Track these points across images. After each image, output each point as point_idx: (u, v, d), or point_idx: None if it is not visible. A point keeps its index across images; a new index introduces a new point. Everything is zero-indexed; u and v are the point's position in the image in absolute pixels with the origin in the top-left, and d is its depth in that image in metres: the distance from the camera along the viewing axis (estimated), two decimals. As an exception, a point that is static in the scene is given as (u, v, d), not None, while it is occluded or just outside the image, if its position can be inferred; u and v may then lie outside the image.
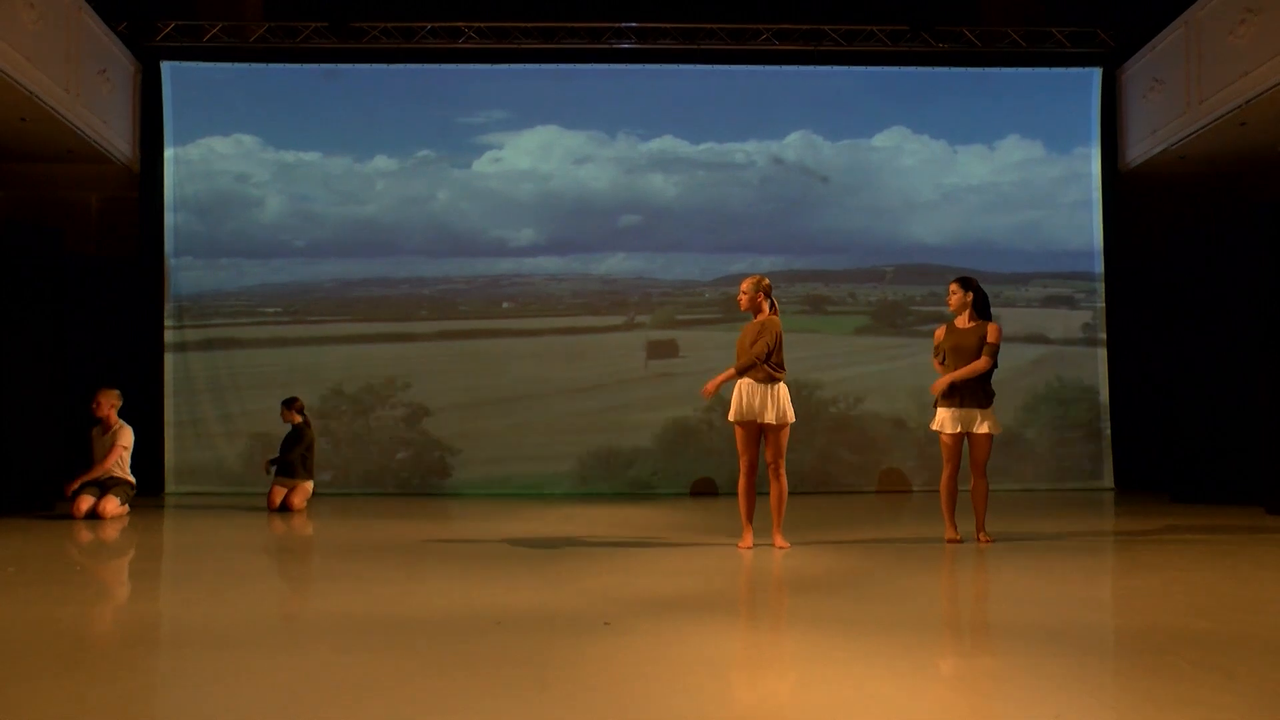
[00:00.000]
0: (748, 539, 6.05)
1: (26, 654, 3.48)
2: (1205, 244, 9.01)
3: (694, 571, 5.29)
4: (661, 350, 10.21)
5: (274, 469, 8.57)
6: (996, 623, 3.99)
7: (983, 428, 6.21)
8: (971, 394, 6.23)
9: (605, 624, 3.86)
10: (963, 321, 6.35)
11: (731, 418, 6.01)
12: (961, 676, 3.23)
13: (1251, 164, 9.54)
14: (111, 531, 7.06)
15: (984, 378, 6.27)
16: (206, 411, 9.96)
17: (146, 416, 9.32)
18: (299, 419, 8.63)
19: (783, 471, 6.04)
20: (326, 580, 5.32)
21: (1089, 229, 10.36)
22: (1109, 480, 10.06)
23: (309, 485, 8.59)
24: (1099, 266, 10.32)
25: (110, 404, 7.96)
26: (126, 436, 7.97)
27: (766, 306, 6.12)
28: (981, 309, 6.38)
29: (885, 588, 4.84)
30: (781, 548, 5.99)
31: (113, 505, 7.68)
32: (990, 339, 6.26)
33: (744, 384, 5.97)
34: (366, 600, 4.48)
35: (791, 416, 5.98)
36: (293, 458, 8.50)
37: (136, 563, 6.03)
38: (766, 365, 5.95)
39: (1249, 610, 4.15)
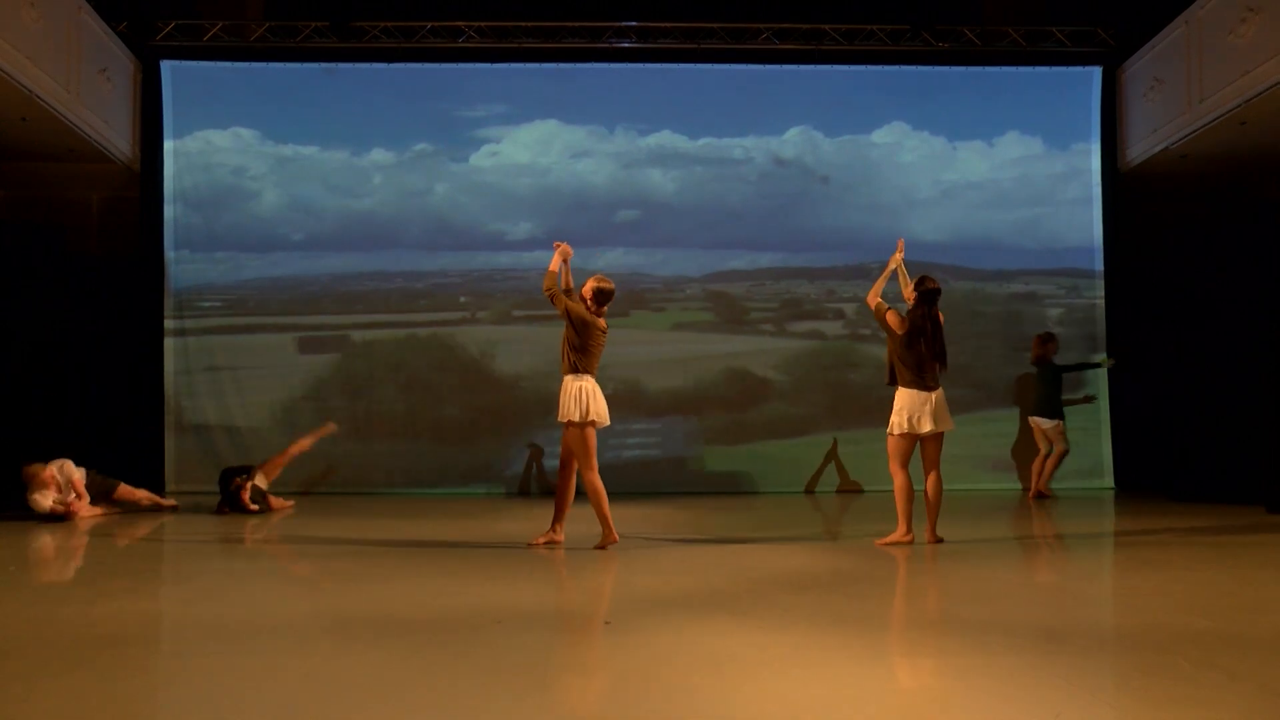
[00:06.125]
0: (561, 533, 6.13)
1: (26, 654, 3.48)
2: (1205, 242, 8.99)
3: (694, 571, 5.29)
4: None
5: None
6: (996, 621, 3.98)
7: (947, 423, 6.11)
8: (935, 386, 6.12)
9: (606, 623, 3.87)
10: None
11: (604, 421, 6.00)
12: (961, 675, 3.23)
13: (1252, 163, 9.52)
14: (112, 532, 7.06)
15: None
16: (206, 408, 9.93)
17: (147, 416, 9.31)
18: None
19: None
20: (326, 580, 5.32)
21: (1089, 226, 10.34)
22: (1109, 480, 10.05)
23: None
24: (1099, 264, 10.30)
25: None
26: (70, 468, 7.52)
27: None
28: None
29: (884, 586, 4.84)
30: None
31: (85, 507, 7.49)
32: None
33: (597, 384, 6.05)
34: (366, 600, 4.48)
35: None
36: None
37: (136, 562, 6.03)
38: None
39: (1249, 610, 4.15)
